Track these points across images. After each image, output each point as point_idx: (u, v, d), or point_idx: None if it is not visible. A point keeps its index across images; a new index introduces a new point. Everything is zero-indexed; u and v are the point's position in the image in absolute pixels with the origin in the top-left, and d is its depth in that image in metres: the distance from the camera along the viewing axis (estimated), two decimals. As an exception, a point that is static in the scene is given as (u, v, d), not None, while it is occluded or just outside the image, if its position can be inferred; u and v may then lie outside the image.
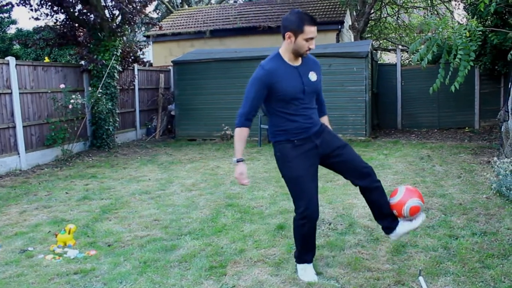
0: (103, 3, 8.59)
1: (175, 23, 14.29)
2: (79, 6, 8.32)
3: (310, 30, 2.65)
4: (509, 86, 6.23)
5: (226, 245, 3.61)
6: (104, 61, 8.49)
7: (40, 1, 8.10)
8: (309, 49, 2.72)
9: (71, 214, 4.72)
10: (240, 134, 2.78)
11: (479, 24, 8.46)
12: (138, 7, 8.99)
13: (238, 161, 2.76)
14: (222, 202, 4.89)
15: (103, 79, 8.54)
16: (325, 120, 3.09)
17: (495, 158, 5.07)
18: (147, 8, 12.08)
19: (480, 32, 5.78)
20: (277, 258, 3.30)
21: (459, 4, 12.23)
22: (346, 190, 5.18)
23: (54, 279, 3.15)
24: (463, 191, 5.03)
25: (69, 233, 3.78)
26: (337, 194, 5.00)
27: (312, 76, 2.83)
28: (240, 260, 3.30)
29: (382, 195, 2.93)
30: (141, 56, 10.74)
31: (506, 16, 8.22)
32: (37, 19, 8.44)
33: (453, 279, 2.90)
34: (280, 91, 2.71)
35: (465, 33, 5.60)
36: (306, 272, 2.97)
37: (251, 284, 2.93)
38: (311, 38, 2.68)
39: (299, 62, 2.81)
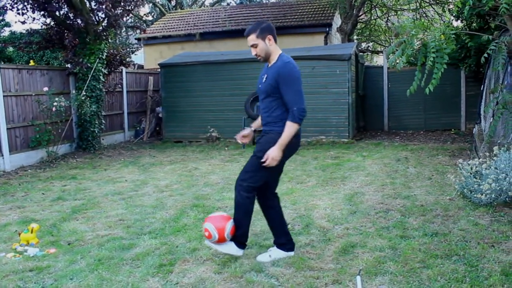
0: (88, 7, 8.72)
1: (166, 26, 14.43)
2: (64, 10, 8.46)
3: (247, 40, 3.14)
4: (481, 89, 6.28)
5: (181, 244, 3.71)
6: (89, 64, 8.63)
7: (25, 6, 8.24)
8: (255, 55, 3.16)
9: (42, 214, 4.83)
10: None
11: (465, 27, 8.53)
12: (127, 9, 9.11)
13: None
14: (189, 203, 4.99)
15: (88, 81, 8.67)
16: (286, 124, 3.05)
17: (460, 160, 5.12)
18: (140, 11, 12.23)
19: (454, 35, 5.86)
20: (226, 257, 3.38)
21: (443, 8, 12.28)
22: (313, 192, 5.27)
23: (9, 276, 3.25)
24: (428, 192, 5.10)
25: (31, 232, 3.90)
26: (303, 196, 5.08)
27: (263, 78, 3.21)
28: (190, 258, 3.40)
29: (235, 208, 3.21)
30: (129, 59, 10.87)
31: (490, 19, 8.27)
32: (23, 22, 8.60)
33: (390, 279, 2.97)
34: None
35: (440, 35, 5.67)
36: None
37: (193, 281, 3.02)
38: (251, 46, 3.15)
39: (270, 64, 3.20)
